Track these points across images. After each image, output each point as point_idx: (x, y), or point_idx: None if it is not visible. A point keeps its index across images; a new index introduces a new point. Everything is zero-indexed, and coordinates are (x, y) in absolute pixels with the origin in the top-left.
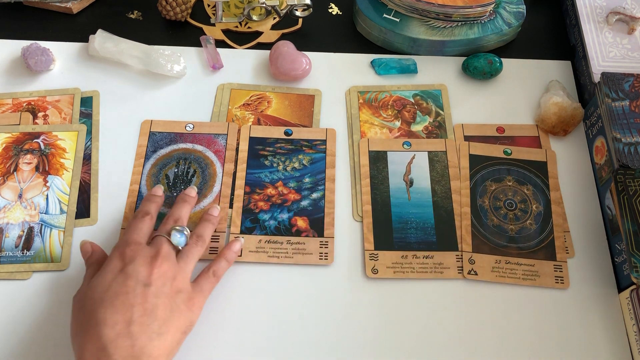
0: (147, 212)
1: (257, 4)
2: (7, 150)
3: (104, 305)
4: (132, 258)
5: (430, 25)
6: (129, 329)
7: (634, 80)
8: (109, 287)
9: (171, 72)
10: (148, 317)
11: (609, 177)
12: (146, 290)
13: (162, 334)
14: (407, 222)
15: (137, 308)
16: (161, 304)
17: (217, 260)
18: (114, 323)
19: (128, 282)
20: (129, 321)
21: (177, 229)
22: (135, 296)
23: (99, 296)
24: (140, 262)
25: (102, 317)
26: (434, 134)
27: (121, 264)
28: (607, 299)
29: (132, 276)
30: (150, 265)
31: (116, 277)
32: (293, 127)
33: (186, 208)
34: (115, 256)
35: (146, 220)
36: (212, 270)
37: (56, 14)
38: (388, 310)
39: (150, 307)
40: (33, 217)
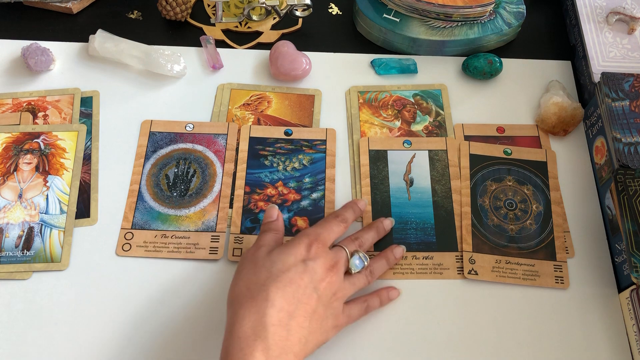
0: (345, 219)
1: (257, 4)
2: (7, 150)
3: (277, 285)
4: (317, 255)
5: (430, 25)
6: (289, 322)
7: (634, 80)
8: (287, 270)
9: (171, 72)
10: (306, 320)
11: (609, 177)
12: (313, 295)
13: (306, 343)
14: (407, 222)
15: (301, 307)
16: (317, 316)
17: (373, 296)
18: (280, 308)
19: (304, 275)
20: (292, 315)
21: (359, 255)
22: (304, 294)
23: (276, 273)
24: (320, 263)
25: (273, 297)
26: (434, 134)
27: (305, 254)
28: (607, 299)
29: (309, 272)
30: (327, 270)
31: (296, 265)
32: (293, 127)
33: (374, 236)
34: (304, 243)
35: (341, 226)
36: (367, 304)
37: (56, 14)
38: (388, 310)
39: (310, 313)
40: (33, 217)
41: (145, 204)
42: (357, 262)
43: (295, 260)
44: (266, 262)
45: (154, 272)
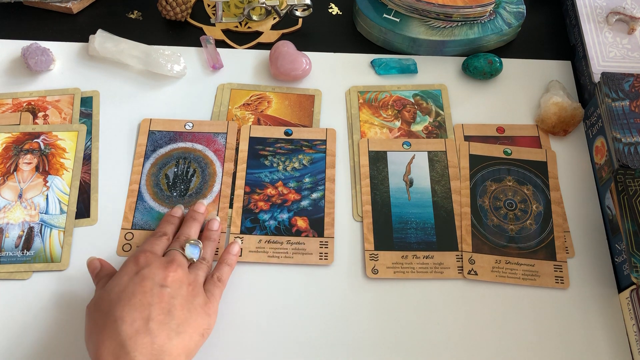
0: (164, 233)
1: (257, 4)
2: (7, 150)
3: (121, 303)
4: (148, 263)
5: (430, 25)
6: (148, 326)
7: (634, 80)
8: (126, 287)
9: (171, 72)
10: (166, 316)
11: (609, 177)
12: (163, 291)
13: (180, 333)
14: (407, 222)
15: (155, 307)
16: (178, 304)
17: (219, 266)
18: (132, 320)
19: (145, 282)
20: (147, 318)
21: (191, 243)
22: (152, 295)
23: (116, 296)
24: (155, 265)
25: (120, 314)
26: (434, 134)
27: (136, 268)
28: (607, 299)
29: (149, 277)
30: (165, 269)
31: (132, 279)
32: (293, 127)
33: (196, 226)
34: (130, 261)
35: (163, 239)
36: (216, 276)
37: (56, 14)
38: (388, 310)
39: (168, 307)
40: (33, 217)
41: (145, 204)
42: (191, 249)
43: (129, 277)
44: (103, 295)
45: None
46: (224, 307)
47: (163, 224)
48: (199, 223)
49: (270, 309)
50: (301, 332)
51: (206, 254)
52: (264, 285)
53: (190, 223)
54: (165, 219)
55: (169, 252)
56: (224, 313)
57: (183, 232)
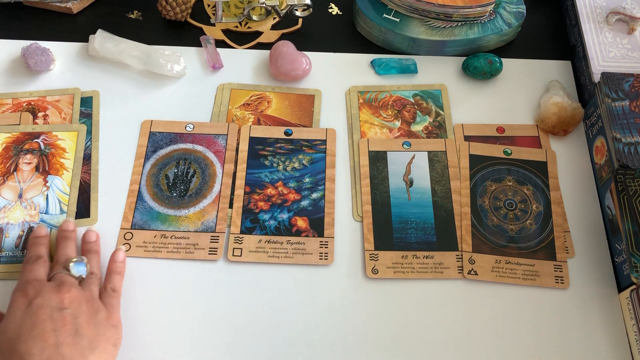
0: (38, 256)
1: (257, 4)
2: (7, 150)
3: (23, 337)
4: (38, 291)
5: (430, 25)
6: (60, 351)
7: (634, 80)
8: (22, 321)
9: (171, 72)
10: (75, 337)
11: (609, 177)
12: (64, 314)
13: (94, 348)
14: (407, 222)
15: (61, 331)
16: (84, 322)
17: (109, 277)
18: (41, 350)
19: (41, 311)
20: (56, 344)
21: (74, 261)
22: (54, 321)
23: (14, 333)
24: (47, 291)
25: (26, 349)
26: (434, 134)
27: (26, 300)
28: (607, 299)
29: (44, 305)
30: (59, 292)
31: (26, 311)
32: (293, 127)
33: (71, 245)
34: (18, 296)
35: (40, 262)
36: (109, 287)
37: (56, 14)
38: (388, 310)
39: (74, 328)
40: (33, 217)
41: (144, 204)
42: (76, 267)
43: (22, 311)
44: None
45: (153, 272)
46: (223, 307)
47: (33, 248)
48: (72, 241)
49: (270, 309)
50: (301, 332)
51: (93, 268)
52: (264, 285)
53: (65, 243)
54: (32, 242)
55: (54, 277)
56: (223, 313)
57: (61, 253)
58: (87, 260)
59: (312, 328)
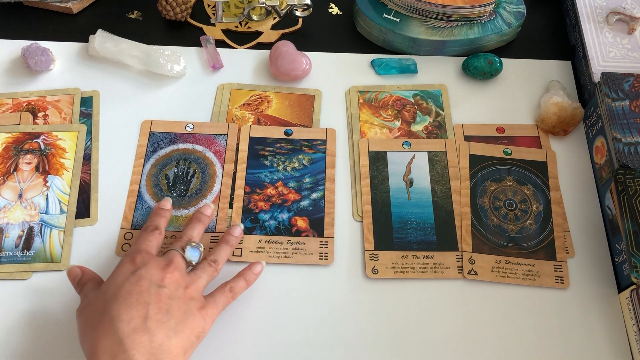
0: (156, 227)
1: (257, 4)
2: (7, 150)
3: (118, 302)
4: (145, 263)
5: (430, 25)
6: (146, 325)
7: (634, 80)
8: (121, 286)
9: (171, 72)
10: (164, 315)
11: (609, 177)
12: (160, 291)
13: (178, 332)
14: (407, 222)
15: (153, 306)
16: (175, 305)
17: (237, 279)
18: (129, 318)
19: (141, 282)
20: (145, 317)
21: (192, 245)
22: (149, 295)
23: (111, 295)
24: (152, 266)
25: (117, 312)
26: (434, 134)
27: (133, 267)
28: (607, 299)
29: (146, 277)
30: (163, 270)
31: (128, 278)
32: (293, 127)
33: (199, 228)
34: (127, 261)
35: (155, 234)
36: (230, 286)
37: (56, 14)
38: (388, 310)
39: (166, 307)
40: (33, 217)
41: (145, 204)
42: (191, 252)
43: (125, 276)
44: (97, 295)
45: None
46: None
47: (153, 217)
48: (203, 225)
49: (271, 309)
50: (301, 332)
51: (217, 257)
52: (264, 285)
53: (195, 224)
54: (155, 211)
55: (168, 252)
56: (223, 313)
57: (186, 232)
58: (217, 251)
59: (312, 328)
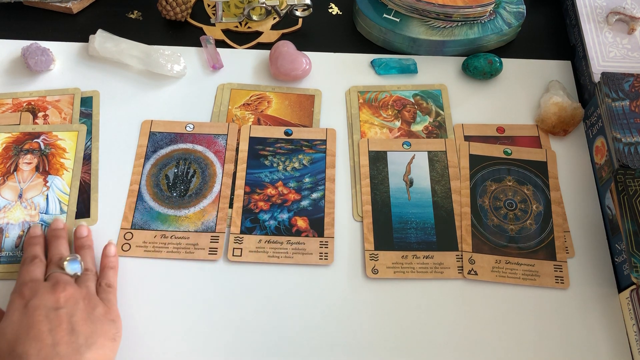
0: (34, 256)
1: (257, 4)
2: (7, 150)
3: (20, 340)
4: (34, 292)
5: (430, 25)
6: (56, 350)
7: (634, 80)
8: (19, 323)
9: (171, 72)
10: (71, 335)
11: (609, 177)
12: (59, 313)
13: (90, 345)
14: (407, 222)
15: (56, 330)
16: (80, 320)
17: (103, 272)
18: (38, 350)
19: (37, 312)
20: (53, 344)
21: (68, 259)
22: (50, 321)
23: (13, 335)
24: (42, 292)
25: (23, 349)
26: (434, 134)
27: (23, 301)
28: (607, 299)
29: (40, 306)
30: (54, 292)
31: (23, 313)
32: (293, 127)
33: (63, 244)
34: (15, 298)
35: (36, 262)
36: (104, 283)
37: (56, 14)
38: (388, 310)
39: (70, 326)
40: (33, 217)
41: (145, 204)
42: (71, 265)
43: (19, 313)
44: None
45: (153, 272)
46: (223, 307)
47: (28, 248)
48: (64, 239)
49: (271, 309)
50: (301, 332)
51: (87, 264)
52: (264, 285)
53: (56, 242)
54: (27, 242)
55: (50, 276)
56: (223, 313)
57: (54, 252)
58: (81, 257)
59: (312, 328)
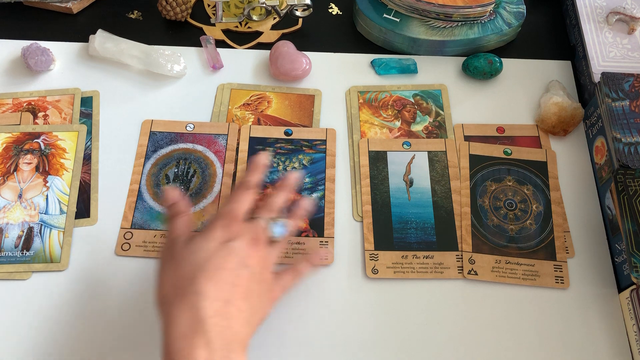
0: (252, 185)
1: (257, 4)
2: (7, 150)
3: (205, 275)
4: (236, 234)
5: (430, 25)
6: (227, 310)
7: (634, 80)
8: (211, 257)
9: (171, 72)
10: (244, 302)
11: (609, 177)
12: (245, 273)
13: (251, 323)
14: (407, 222)
15: (237, 290)
16: (254, 290)
17: (301, 262)
18: (214, 298)
19: (230, 257)
20: (228, 300)
21: (278, 222)
22: (236, 276)
23: (200, 263)
24: (242, 240)
25: (204, 288)
26: (434, 134)
27: (226, 236)
28: (607, 299)
29: (234, 253)
30: (251, 247)
31: (219, 249)
32: (293, 127)
33: (285, 197)
34: (219, 225)
35: (250, 193)
36: (297, 269)
37: (56, 14)
38: (388, 310)
39: (247, 293)
40: (33, 217)
41: (145, 204)
42: (277, 229)
43: (216, 245)
44: (186, 254)
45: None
46: None
47: (252, 174)
48: (289, 192)
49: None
50: (301, 332)
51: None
52: None
53: (284, 194)
54: (254, 167)
55: (256, 222)
56: None
57: (277, 201)
58: (288, 225)
59: (312, 328)
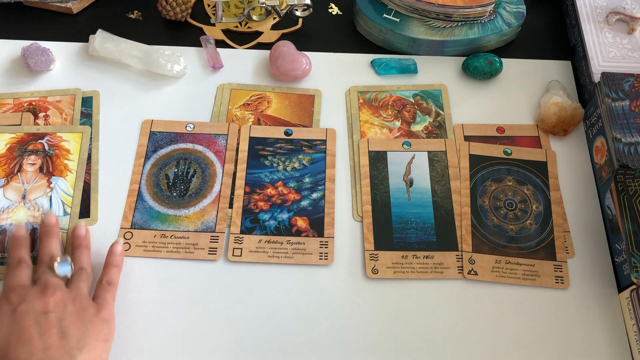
0: (19, 259)
1: (257, 4)
2: (11, 151)
3: (11, 346)
4: (22, 298)
5: (430, 25)
6: (47, 354)
7: (634, 80)
8: (9, 329)
9: (171, 72)
10: (62, 339)
11: (609, 177)
12: (49, 318)
13: (82, 347)
14: (407, 222)
15: (47, 335)
16: (70, 324)
17: (107, 270)
18: (29, 355)
19: (26, 318)
20: (45, 348)
21: (58, 261)
22: (40, 326)
23: (2, 342)
24: (31, 297)
25: (14, 355)
26: (434, 134)
27: (12, 307)
28: (607, 299)
29: (29, 311)
30: (43, 297)
31: (12, 319)
32: (293, 127)
33: (55, 242)
34: (3, 304)
35: (22, 267)
36: (105, 280)
37: (56, 14)
38: (388, 310)
39: (61, 330)
40: (36, 218)
41: (144, 204)
42: (61, 267)
43: (8, 319)
44: None
45: (153, 272)
46: (223, 307)
47: (14, 250)
48: (56, 237)
49: (270, 308)
50: (301, 332)
51: (83, 263)
52: (264, 285)
53: (48, 240)
54: (12, 244)
55: (39, 279)
56: (223, 313)
57: (45, 252)
58: (72, 259)
59: (312, 328)
